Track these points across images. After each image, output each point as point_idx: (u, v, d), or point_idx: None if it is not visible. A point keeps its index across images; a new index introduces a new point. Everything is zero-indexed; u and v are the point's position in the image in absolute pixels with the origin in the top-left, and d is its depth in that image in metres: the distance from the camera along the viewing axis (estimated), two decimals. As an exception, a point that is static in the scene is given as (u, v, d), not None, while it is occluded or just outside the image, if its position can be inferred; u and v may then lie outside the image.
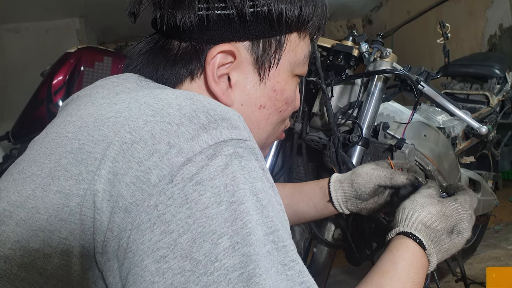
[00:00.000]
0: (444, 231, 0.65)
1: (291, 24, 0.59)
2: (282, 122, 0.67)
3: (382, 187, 0.81)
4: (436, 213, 0.65)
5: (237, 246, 0.42)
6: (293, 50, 0.62)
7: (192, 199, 0.42)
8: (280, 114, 0.65)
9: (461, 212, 0.68)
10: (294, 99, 0.66)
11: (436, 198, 0.69)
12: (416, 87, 1.16)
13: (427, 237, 0.63)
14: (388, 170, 0.81)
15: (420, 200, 0.67)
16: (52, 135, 0.52)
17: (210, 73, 0.57)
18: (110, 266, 0.44)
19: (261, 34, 0.58)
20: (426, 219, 0.64)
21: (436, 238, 0.64)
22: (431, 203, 0.67)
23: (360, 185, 0.81)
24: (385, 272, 0.59)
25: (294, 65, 0.63)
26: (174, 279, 0.40)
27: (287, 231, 0.47)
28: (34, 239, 0.45)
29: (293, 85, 0.65)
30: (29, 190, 0.48)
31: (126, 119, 0.47)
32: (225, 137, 0.46)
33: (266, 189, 0.46)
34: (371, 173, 0.81)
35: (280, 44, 0.60)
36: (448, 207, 0.67)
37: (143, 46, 0.61)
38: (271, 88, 0.61)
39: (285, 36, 0.60)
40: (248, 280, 0.41)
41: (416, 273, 0.60)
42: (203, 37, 0.57)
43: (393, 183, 0.80)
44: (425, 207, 0.66)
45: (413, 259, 0.61)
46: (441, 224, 0.65)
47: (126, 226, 0.43)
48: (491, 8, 3.65)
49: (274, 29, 0.58)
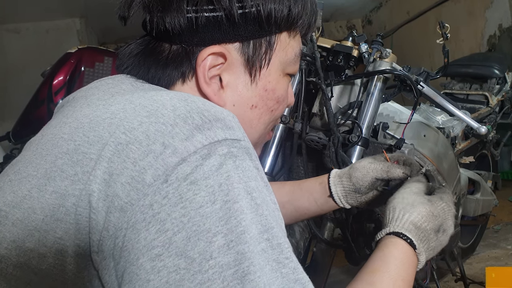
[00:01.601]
0: (432, 230, 0.66)
1: (280, 24, 0.59)
2: (274, 121, 0.68)
3: (379, 180, 0.82)
4: (426, 213, 0.66)
5: (231, 244, 0.42)
6: (283, 50, 0.62)
7: (187, 198, 0.43)
8: (272, 113, 0.65)
9: (447, 211, 0.69)
10: (285, 97, 0.66)
11: (425, 196, 0.70)
12: (415, 87, 1.17)
13: (417, 237, 0.64)
14: (385, 164, 0.82)
15: (409, 199, 0.68)
16: (48, 136, 0.53)
17: (201, 75, 0.57)
18: (106, 265, 0.44)
19: (250, 35, 0.58)
20: (416, 220, 0.65)
21: (425, 238, 0.65)
22: (421, 202, 0.68)
23: (358, 179, 0.82)
24: (376, 270, 0.60)
25: (285, 64, 0.63)
26: (169, 277, 0.41)
27: (282, 230, 0.47)
28: (29, 239, 0.46)
29: (285, 84, 0.65)
30: (25, 190, 0.48)
31: (121, 120, 0.48)
32: (219, 137, 0.46)
33: (261, 188, 0.47)
34: (368, 166, 0.82)
35: (270, 44, 0.60)
36: (436, 206, 0.68)
37: (134, 48, 0.61)
38: (263, 88, 0.62)
39: (275, 36, 0.60)
40: (243, 277, 0.41)
41: (406, 271, 0.61)
42: (193, 39, 0.57)
43: (390, 175, 0.81)
44: (416, 207, 0.67)
45: (404, 258, 0.62)
46: (430, 224, 0.66)
47: (121, 225, 0.43)
48: (491, 8, 3.65)
49: (264, 29, 0.58)
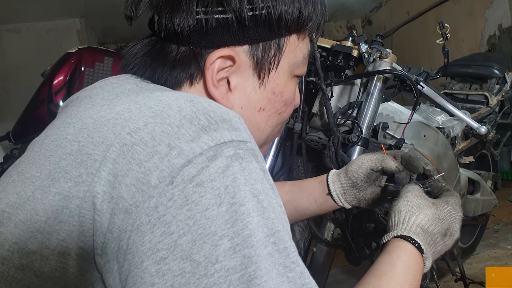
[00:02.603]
0: (439, 234, 0.66)
1: (290, 26, 0.58)
2: (282, 123, 0.67)
3: (374, 172, 0.81)
4: (432, 216, 0.66)
5: (237, 248, 0.41)
6: (292, 52, 0.61)
7: (192, 201, 0.42)
8: (280, 116, 0.64)
9: (453, 215, 0.69)
10: (293, 100, 0.66)
11: (429, 200, 0.69)
12: (415, 88, 1.17)
13: (424, 241, 0.63)
14: (380, 154, 0.82)
15: (415, 201, 0.67)
16: (51, 136, 0.52)
17: (209, 78, 0.57)
18: (109, 268, 0.44)
19: (260, 38, 0.57)
20: (423, 223, 0.65)
21: (432, 242, 0.65)
22: (426, 206, 0.67)
23: (354, 171, 0.81)
24: (383, 275, 0.59)
25: (293, 67, 0.62)
26: (174, 281, 0.40)
27: (288, 233, 0.47)
28: (32, 241, 0.45)
29: (293, 86, 0.64)
30: (29, 191, 0.48)
31: (126, 120, 0.47)
32: (226, 139, 0.46)
33: (267, 191, 0.46)
34: (363, 158, 0.82)
35: (280, 47, 0.59)
36: (442, 210, 0.68)
37: (141, 48, 0.60)
38: (271, 91, 0.61)
39: (285, 38, 0.59)
40: (249, 282, 0.41)
41: (414, 275, 0.60)
42: (202, 41, 0.56)
43: (384, 166, 0.80)
44: (422, 209, 0.66)
45: (411, 262, 0.61)
46: (436, 228, 0.65)
47: (126, 227, 0.43)
48: (491, 8, 3.65)
49: (274, 32, 0.58)
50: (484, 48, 3.74)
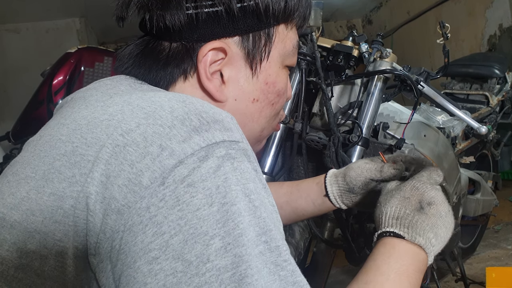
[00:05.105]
0: (412, 211, 0.63)
1: (278, 16, 0.60)
2: (276, 115, 0.68)
3: (373, 181, 0.81)
4: (398, 201, 0.65)
5: (229, 247, 0.42)
6: (282, 41, 0.63)
7: (184, 201, 0.43)
8: (273, 107, 0.66)
9: (420, 187, 0.66)
10: (285, 91, 0.67)
11: (396, 188, 0.68)
12: (416, 87, 1.17)
13: (401, 226, 0.62)
14: (379, 164, 0.81)
15: (382, 200, 0.67)
16: (46, 137, 0.52)
17: (202, 71, 0.58)
18: (103, 268, 0.44)
19: (250, 28, 0.59)
20: (393, 212, 0.64)
21: (410, 223, 0.62)
22: (391, 196, 0.66)
23: (352, 178, 0.81)
24: (369, 270, 0.59)
25: (284, 56, 0.64)
26: (166, 280, 0.41)
27: (280, 232, 0.47)
28: (30, 241, 0.46)
29: (284, 77, 0.66)
30: (24, 192, 0.48)
31: (119, 122, 0.48)
32: (217, 139, 0.46)
33: (259, 190, 0.47)
34: (362, 166, 0.81)
35: (269, 36, 0.61)
36: (405, 190, 0.66)
37: (134, 49, 0.61)
38: (264, 81, 0.62)
39: (273, 28, 0.61)
40: (240, 280, 0.41)
41: (397, 261, 0.58)
42: (193, 36, 0.57)
43: (383, 175, 0.79)
44: (389, 202, 0.65)
45: (391, 251, 0.60)
46: (407, 208, 0.63)
47: (118, 228, 0.43)
48: (491, 8, 3.65)
49: (262, 22, 0.59)
50: (485, 48, 3.74)
